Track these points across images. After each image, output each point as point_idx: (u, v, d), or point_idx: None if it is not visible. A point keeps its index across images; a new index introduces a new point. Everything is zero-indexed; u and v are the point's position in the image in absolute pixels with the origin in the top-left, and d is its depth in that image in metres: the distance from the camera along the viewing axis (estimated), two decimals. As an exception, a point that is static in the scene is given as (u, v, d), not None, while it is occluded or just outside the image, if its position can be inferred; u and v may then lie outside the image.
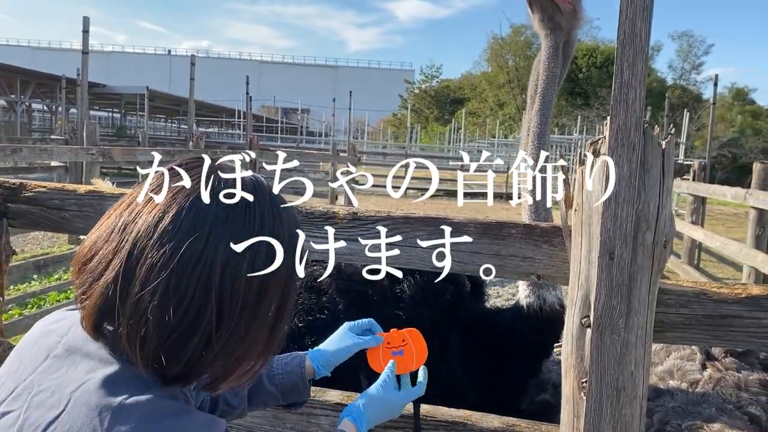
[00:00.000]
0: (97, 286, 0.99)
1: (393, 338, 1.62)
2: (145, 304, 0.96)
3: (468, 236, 1.62)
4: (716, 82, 12.35)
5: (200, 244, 0.97)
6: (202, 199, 1.01)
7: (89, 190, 1.90)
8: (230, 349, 1.03)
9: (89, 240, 1.06)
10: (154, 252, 0.97)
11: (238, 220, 1.02)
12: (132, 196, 1.07)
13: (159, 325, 0.96)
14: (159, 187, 1.04)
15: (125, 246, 0.99)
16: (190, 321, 0.97)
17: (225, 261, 0.99)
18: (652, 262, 1.35)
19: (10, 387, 1.03)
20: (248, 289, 1.02)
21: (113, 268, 0.98)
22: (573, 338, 1.43)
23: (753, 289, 1.46)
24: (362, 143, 40.53)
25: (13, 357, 1.10)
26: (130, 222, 1.01)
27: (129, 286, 0.97)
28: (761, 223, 6.31)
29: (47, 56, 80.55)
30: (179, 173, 1.05)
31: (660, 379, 2.19)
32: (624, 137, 1.29)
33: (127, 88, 32.53)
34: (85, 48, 7.43)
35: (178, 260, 0.96)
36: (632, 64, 1.26)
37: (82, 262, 1.05)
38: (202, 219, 0.99)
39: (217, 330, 0.99)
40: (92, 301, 1.00)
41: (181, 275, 0.96)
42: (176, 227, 0.98)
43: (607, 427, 1.38)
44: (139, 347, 0.98)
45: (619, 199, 1.31)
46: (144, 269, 0.97)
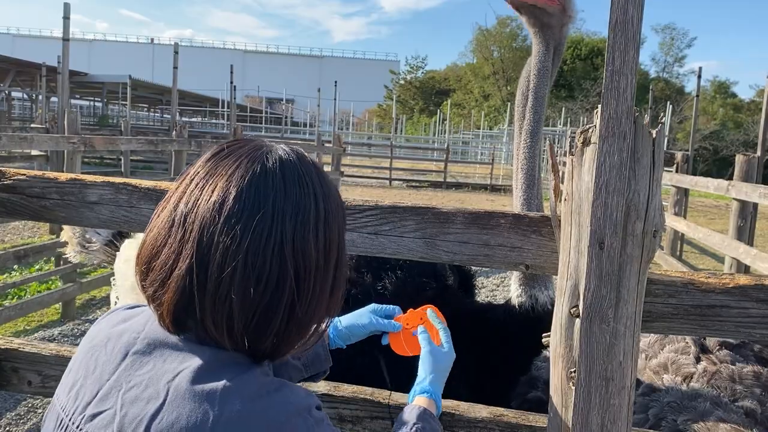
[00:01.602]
0: (171, 281, 1.00)
1: (411, 319, 1.65)
2: (226, 289, 0.98)
3: (456, 226, 1.60)
4: (700, 74, 12.41)
5: (267, 220, 1.00)
6: (258, 176, 1.02)
7: (70, 177, 1.86)
8: (309, 315, 1.06)
9: (149, 238, 1.06)
10: (224, 237, 0.98)
11: (294, 189, 1.04)
12: (179, 188, 1.07)
13: (243, 307, 0.98)
14: (208, 173, 1.04)
15: (192, 236, 0.99)
16: (271, 295, 1.00)
17: (293, 230, 1.02)
18: (641, 251, 1.34)
19: (93, 389, 1.03)
20: (317, 252, 1.05)
21: (185, 260, 0.99)
22: (562, 328, 1.42)
23: (740, 279, 1.46)
24: (347, 134, 40.41)
25: (84, 359, 1.10)
26: (190, 212, 1.01)
27: (206, 275, 0.98)
28: (743, 215, 6.37)
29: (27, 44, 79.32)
30: (226, 156, 1.06)
31: (654, 373, 2.19)
32: (615, 126, 1.27)
33: (110, 77, 32.15)
34: (66, 35, 7.30)
35: (250, 239, 0.98)
36: (624, 51, 1.25)
37: (146, 261, 1.05)
38: (263, 195, 1.01)
39: (298, 298, 1.02)
40: (169, 296, 1.00)
41: (255, 253, 0.98)
42: (241, 208, 0.99)
43: (595, 417, 1.38)
44: (227, 331, 1.00)
45: (609, 189, 1.30)
46: (218, 255, 0.98)
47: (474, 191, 25.63)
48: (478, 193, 25.15)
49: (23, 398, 4.77)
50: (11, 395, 4.76)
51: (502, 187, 26.08)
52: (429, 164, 29.67)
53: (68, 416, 1.03)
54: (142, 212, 1.79)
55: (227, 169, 1.03)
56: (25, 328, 6.44)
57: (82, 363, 1.09)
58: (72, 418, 1.02)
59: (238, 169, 1.03)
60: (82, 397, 1.03)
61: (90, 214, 1.84)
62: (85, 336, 1.19)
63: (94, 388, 1.03)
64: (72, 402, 1.04)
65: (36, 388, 1.94)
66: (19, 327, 6.41)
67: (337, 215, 1.12)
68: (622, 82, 1.26)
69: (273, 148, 1.10)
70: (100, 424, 0.98)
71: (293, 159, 1.08)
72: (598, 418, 1.38)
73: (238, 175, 1.02)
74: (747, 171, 6.63)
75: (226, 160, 1.06)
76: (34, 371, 1.93)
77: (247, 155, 1.06)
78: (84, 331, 6.42)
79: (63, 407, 1.05)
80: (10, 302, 6.61)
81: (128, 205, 1.80)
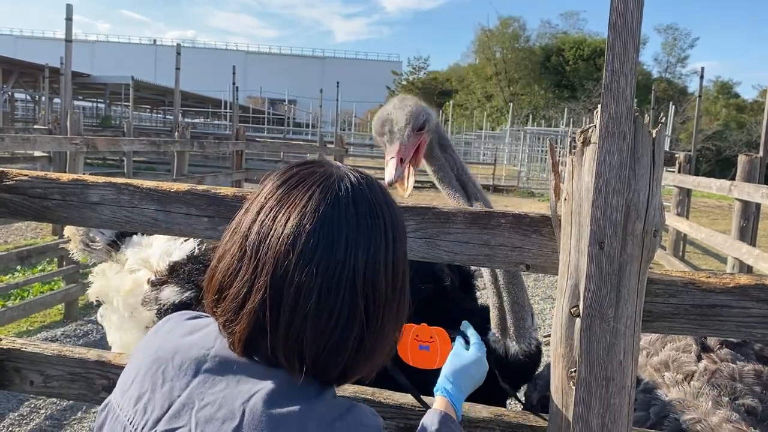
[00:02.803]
0: (244, 312, 1.00)
1: (422, 332, 1.68)
2: (299, 324, 0.99)
3: (457, 226, 1.61)
4: (702, 74, 12.39)
5: (341, 254, 1.00)
6: (331, 208, 1.02)
7: (73, 178, 1.87)
8: (378, 343, 1.07)
9: (222, 265, 1.06)
10: (298, 273, 0.98)
11: (366, 221, 1.04)
12: (248, 213, 1.06)
13: (315, 339, 0.99)
14: (279, 202, 1.04)
15: (266, 269, 0.99)
16: (343, 327, 1.01)
17: (365, 263, 1.02)
18: (641, 251, 1.34)
19: (163, 404, 1.03)
20: (386, 283, 1.05)
21: (258, 293, 0.99)
22: (562, 328, 1.42)
23: (741, 279, 1.46)
24: (350, 135, 40.41)
25: (150, 370, 1.09)
26: (262, 242, 1.01)
27: (279, 309, 0.99)
28: (746, 215, 6.36)
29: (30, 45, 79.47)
30: (297, 185, 1.05)
31: (656, 371, 2.18)
32: (615, 126, 1.28)
33: (112, 78, 32.20)
34: (69, 36, 7.31)
35: (324, 275, 0.98)
36: (623, 51, 1.25)
37: (217, 289, 1.06)
38: (337, 230, 1.01)
39: (367, 330, 1.03)
40: (242, 327, 1.01)
41: (329, 289, 0.99)
42: (315, 243, 0.99)
43: (596, 417, 1.38)
44: (298, 361, 1.01)
45: (609, 188, 1.31)
46: (292, 291, 0.98)
47: (476, 192, 25.56)
48: (480, 193, 25.08)
49: (26, 398, 4.78)
50: (14, 395, 4.78)
51: (504, 187, 26.07)
52: (431, 165, 29.58)
53: (136, 430, 1.03)
54: (144, 212, 1.80)
55: (299, 199, 1.03)
56: (28, 328, 6.45)
57: (148, 374, 1.08)
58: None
59: (310, 200, 1.02)
60: (152, 412, 1.03)
61: (92, 214, 1.84)
62: (142, 344, 1.18)
63: (164, 404, 1.03)
64: (140, 416, 1.04)
65: (38, 388, 1.94)
66: (22, 327, 6.43)
67: (403, 240, 1.12)
68: (622, 82, 1.26)
69: (343, 175, 1.08)
70: None
71: (364, 188, 1.07)
72: (598, 418, 1.38)
73: (311, 207, 1.01)
74: (749, 171, 6.61)
75: (297, 189, 1.04)
76: (36, 371, 1.93)
77: (319, 184, 1.04)
78: (86, 332, 6.43)
79: (130, 420, 1.05)
80: (13, 303, 6.63)
81: (130, 205, 1.81)
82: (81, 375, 1.91)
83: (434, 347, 1.65)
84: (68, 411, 4.71)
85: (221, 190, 1.77)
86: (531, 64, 60.76)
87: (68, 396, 1.95)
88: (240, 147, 11.99)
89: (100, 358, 1.91)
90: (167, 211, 1.79)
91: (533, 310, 2.35)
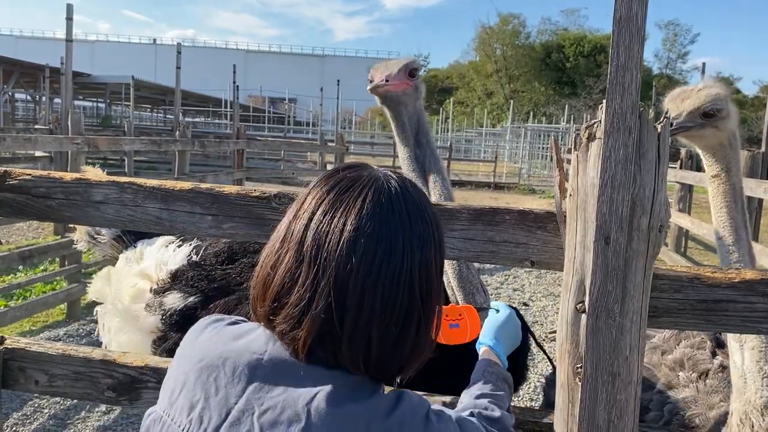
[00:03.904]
0: (307, 319, 1.02)
1: (451, 312, 1.78)
2: (365, 323, 1.02)
3: (461, 222, 1.61)
4: (703, 69, 12.40)
5: (399, 254, 1.04)
6: (386, 212, 1.06)
7: (76, 177, 1.87)
8: (429, 333, 1.12)
9: (277, 274, 1.07)
10: (361, 275, 1.01)
11: (417, 221, 1.09)
12: (298, 220, 1.08)
13: (381, 337, 1.03)
14: (332, 207, 1.06)
15: (327, 274, 1.01)
16: (404, 323, 1.05)
17: (419, 262, 1.07)
18: (647, 246, 1.34)
19: (220, 412, 1.04)
20: (436, 276, 1.12)
21: (321, 298, 1.01)
22: (567, 324, 1.42)
23: (746, 274, 1.46)
24: (350, 133, 40.39)
25: (200, 378, 1.09)
26: (321, 249, 1.03)
27: (344, 312, 1.02)
28: (748, 211, 6.33)
29: (30, 45, 79.40)
30: (347, 189, 1.08)
31: (671, 369, 2.15)
32: (620, 121, 1.27)
33: (113, 78, 32.12)
34: (69, 36, 7.31)
35: (386, 276, 1.02)
36: (628, 47, 1.25)
37: (275, 297, 1.07)
38: (392, 232, 1.05)
39: (423, 322, 1.08)
40: (306, 333, 1.03)
41: (391, 287, 1.03)
42: (374, 245, 1.03)
43: (602, 413, 1.38)
44: (363, 361, 1.04)
45: (614, 183, 1.30)
46: (357, 293, 1.01)
47: (477, 189, 25.60)
48: (481, 191, 25.12)
49: (29, 398, 4.79)
50: (17, 395, 4.78)
51: (505, 184, 26.06)
52: (432, 162, 29.58)
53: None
54: (148, 211, 1.80)
55: (353, 203, 1.05)
56: (30, 328, 6.45)
57: (198, 382, 1.08)
58: None
59: (365, 203, 1.05)
60: (209, 421, 1.03)
61: (95, 213, 1.84)
62: (181, 352, 1.19)
63: (221, 412, 1.03)
64: (197, 425, 1.04)
65: (43, 387, 1.94)
66: (25, 327, 6.43)
67: (443, 237, 1.17)
68: (627, 77, 1.26)
69: (389, 177, 1.12)
70: None
71: (409, 189, 1.12)
72: (605, 414, 1.38)
73: (366, 210, 1.04)
74: (752, 166, 6.59)
75: (348, 193, 1.07)
76: (41, 371, 1.93)
77: (369, 187, 1.08)
78: (89, 332, 6.43)
79: (185, 429, 1.05)
80: (15, 303, 6.63)
81: (133, 204, 1.81)
82: (86, 374, 1.91)
83: (464, 324, 1.75)
84: (72, 410, 4.71)
85: (225, 188, 1.77)
86: (531, 61, 60.72)
87: (73, 395, 1.95)
88: (241, 146, 11.99)
89: (105, 357, 1.91)
90: (171, 209, 1.78)
91: (484, 286, 2.36)
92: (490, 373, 1.51)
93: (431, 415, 1.08)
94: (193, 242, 2.72)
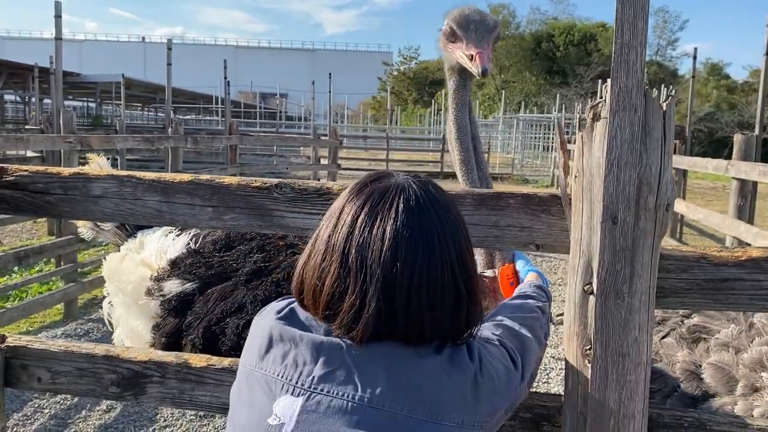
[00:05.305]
0: (361, 321, 1.13)
1: (510, 272, 2.06)
2: (415, 316, 1.14)
3: (465, 207, 1.59)
4: (695, 55, 12.38)
5: (437, 250, 1.16)
6: (418, 215, 1.17)
7: (74, 172, 1.85)
8: (477, 294, 1.24)
9: (326, 283, 1.17)
10: (406, 277, 1.13)
11: (445, 217, 1.20)
12: (339, 231, 1.18)
13: (433, 323, 1.16)
14: (368, 216, 1.17)
15: (375, 280, 1.13)
16: (453, 307, 1.18)
17: (456, 253, 1.18)
18: (654, 225, 1.34)
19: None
20: (471, 261, 1.24)
21: (372, 301, 1.12)
22: (575, 306, 1.41)
23: (753, 252, 1.46)
24: (343, 127, 40.28)
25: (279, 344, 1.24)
26: (365, 257, 1.14)
27: (394, 312, 1.13)
28: (743, 194, 6.36)
29: (17, 46, 78.80)
30: (380, 200, 1.19)
31: (752, 371, 2.03)
32: (626, 99, 1.26)
33: (103, 77, 31.96)
34: (59, 34, 7.24)
35: (428, 272, 1.14)
36: (632, 24, 1.24)
37: (327, 306, 1.17)
38: (429, 233, 1.16)
39: (470, 300, 1.21)
40: (362, 331, 1.13)
41: (435, 281, 1.15)
42: (414, 247, 1.14)
43: (612, 394, 1.38)
44: (416, 338, 1.16)
45: (621, 163, 1.29)
46: (404, 293, 1.13)
47: (471, 180, 25.53)
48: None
49: (29, 399, 4.76)
50: (17, 396, 4.75)
51: (499, 175, 26.04)
52: (425, 155, 29.57)
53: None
54: (148, 204, 1.78)
55: (387, 212, 1.16)
56: (27, 329, 6.42)
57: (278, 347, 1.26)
58: None
59: (398, 212, 1.16)
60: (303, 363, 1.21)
61: (95, 207, 1.82)
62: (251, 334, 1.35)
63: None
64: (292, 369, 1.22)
65: (46, 384, 1.93)
66: (22, 328, 6.39)
67: (465, 224, 1.28)
68: (632, 55, 1.25)
69: (412, 183, 1.23)
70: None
71: (431, 189, 1.23)
72: (615, 395, 1.38)
73: (401, 218, 1.15)
74: (746, 149, 6.61)
75: (381, 204, 1.18)
76: (43, 368, 1.91)
77: (398, 196, 1.18)
78: (87, 331, 6.41)
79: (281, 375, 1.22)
80: (12, 304, 6.59)
81: (133, 197, 1.79)
82: (89, 370, 1.89)
83: (516, 280, 2.01)
84: (72, 410, 4.69)
85: (225, 179, 1.75)
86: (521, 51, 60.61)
87: (77, 392, 1.93)
88: (234, 142, 11.94)
89: (109, 353, 1.89)
90: (171, 202, 1.77)
91: None
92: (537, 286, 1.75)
93: (483, 342, 1.30)
94: (192, 231, 2.76)
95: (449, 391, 1.15)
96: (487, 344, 1.31)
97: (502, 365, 1.27)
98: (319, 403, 1.13)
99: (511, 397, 1.27)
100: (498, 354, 1.30)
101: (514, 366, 1.31)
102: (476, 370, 1.20)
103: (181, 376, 1.82)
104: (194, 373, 1.82)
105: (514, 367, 1.31)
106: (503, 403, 1.25)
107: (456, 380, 1.17)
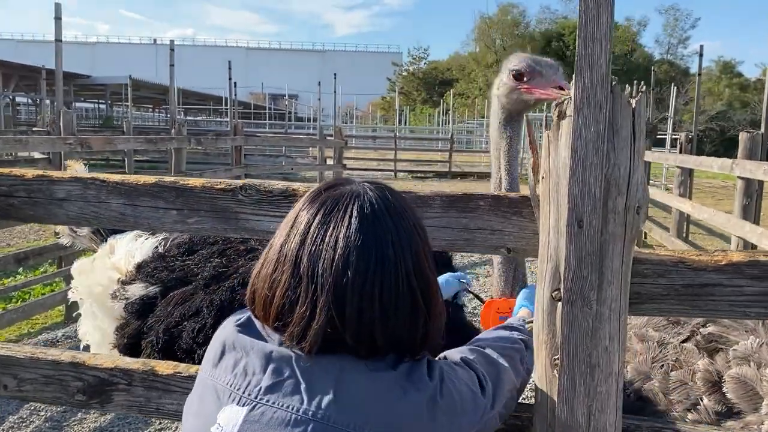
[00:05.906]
0: (310, 332, 1.10)
1: (502, 306, 1.95)
2: (367, 323, 1.10)
3: (434, 210, 1.53)
4: (701, 52, 12.20)
5: (391, 258, 1.12)
6: (371, 222, 1.13)
7: (38, 174, 1.80)
8: (437, 311, 1.20)
9: (277, 294, 1.14)
10: (357, 286, 1.09)
11: (401, 223, 1.17)
12: (291, 239, 1.15)
13: (385, 332, 1.12)
14: (321, 224, 1.13)
15: (326, 289, 1.09)
16: (409, 317, 1.14)
17: (412, 260, 1.15)
18: (624, 229, 1.27)
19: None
20: (429, 268, 1.19)
21: (322, 312, 1.09)
22: (544, 313, 1.35)
23: (734, 256, 1.38)
24: (352, 127, 40.26)
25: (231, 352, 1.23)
26: (316, 266, 1.11)
27: (346, 320, 1.09)
28: (748, 193, 6.23)
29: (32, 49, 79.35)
30: (333, 208, 1.15)
31: None
32: (590, 96, 1.20)
33: (111, 78, 32.17)
34: (59, 35, 7.24)
35: (382, 281, 1.10)
36: (597, 15, 1.17)
37: (278, 317, 1.14)
38: (383, 240, 1.12)
39: (428, 311, 1.17)
40: (311, 343, 1.10)
41: (389, 289, 1.11)
42: (366, 255, 1.10)
43: (581, 406, 1.31)
44: (369, 350, 1.12)
45: (586, 163, 1.23)
46: (354, 303, 1.09)
47: (479, 180, 25.45)
48: (483, 181, 24.97)
49: (26, 401, 4.75)
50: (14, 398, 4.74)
51: (507, 175, 25.84)
52: (434, 154, 29.49)
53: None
54: (111, 207, 1.73)
55: (340, 220, 1.13)
56: (29, 330, 6.42)
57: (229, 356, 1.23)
58: None
59: (351, 219, 1.12)
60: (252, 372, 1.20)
61: (59, 210, 1.78)
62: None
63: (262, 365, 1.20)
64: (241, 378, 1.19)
65: (12, 392, 1.88)
66: (23, 330, 6.39)
67: (425, 230, 1.25)
68: (596, 48, 1.18)
69: (367, 189, 1.19)
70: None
71: (388, 196, 1.19)
72: (583, 407, 1.31)
73: (354, 225, 1.12)
74: (751, 148, 6.47)
75: (334, 212, 1.15)
76: (9, 375, 1.87)
77: (352, 203, 1.15)
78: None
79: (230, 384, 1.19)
80: (14, 305, 6.58)
81: (97, 200, 1.74)
82: (55, 377, 1.84)
83: (511, 314, 1.88)
84: (68, 412, 4.67)
85: (190, 180, 1.70)
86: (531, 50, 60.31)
87: (43, 399, 1.89)
88: (238, 142, 11.93)
89: (74, 359, 1.84)
90: (134, 205, 1.72)
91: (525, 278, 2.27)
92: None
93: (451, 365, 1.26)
94: (160, 235, 2.77)
95: (402, 410, 1.11)
96: (455, 366, 1.27)
97: (467, 388, 1.22)
98: (263, 414, 1.10)
99: (477, 423, 1.22)
100: (466, 377, 1.25)
101: (482, 391, 1.26)
102: (435, 390, 1.15)
103: (147, 383, 1.78)
104: (161, 381, 1.77)
105: (482, 392, 1.26)
106: (469, 427, 1.20)
107: (411, 398, 1.12)
